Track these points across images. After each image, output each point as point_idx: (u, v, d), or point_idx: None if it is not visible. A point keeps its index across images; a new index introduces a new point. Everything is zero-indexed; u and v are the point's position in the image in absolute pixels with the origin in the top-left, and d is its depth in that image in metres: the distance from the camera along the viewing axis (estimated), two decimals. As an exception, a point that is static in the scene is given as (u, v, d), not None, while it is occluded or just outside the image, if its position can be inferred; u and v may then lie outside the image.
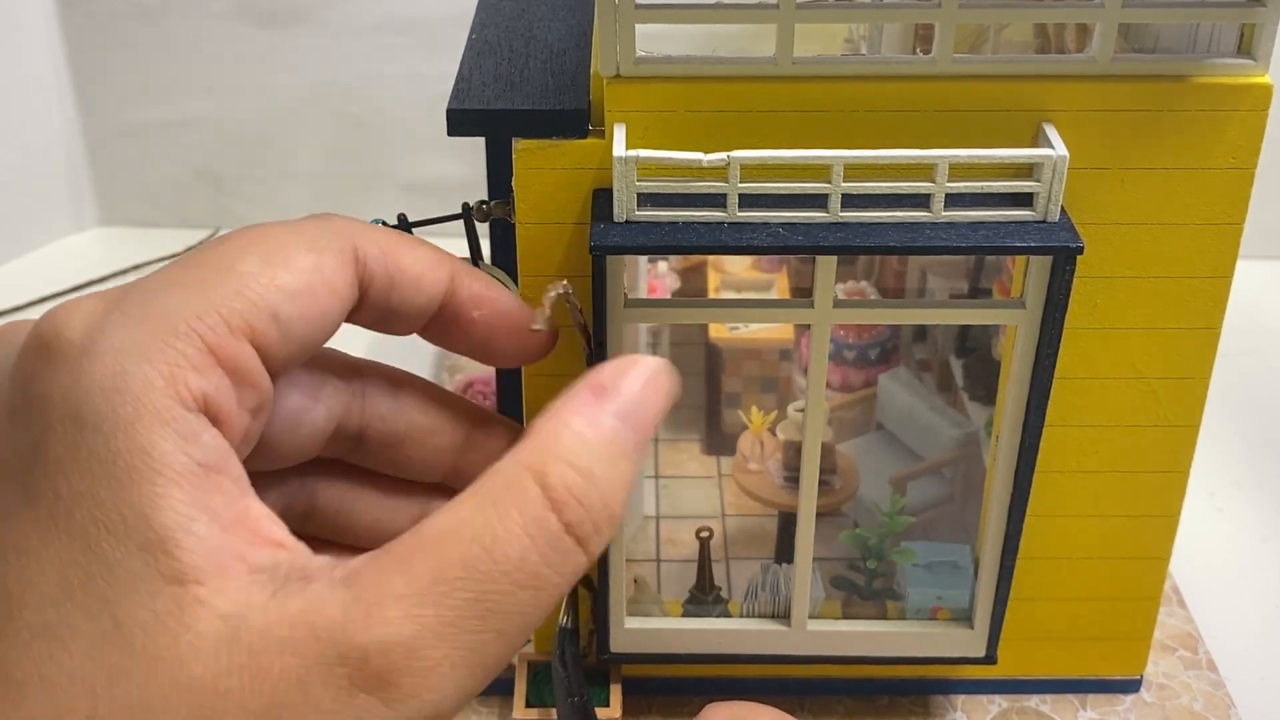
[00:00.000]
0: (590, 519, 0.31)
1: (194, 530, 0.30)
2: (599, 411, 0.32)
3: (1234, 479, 0.71)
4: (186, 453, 0.30)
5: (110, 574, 0.30)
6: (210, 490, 0.31)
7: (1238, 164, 0.44)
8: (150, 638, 0.29)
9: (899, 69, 0.43)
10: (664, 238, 0.43)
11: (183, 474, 0.30)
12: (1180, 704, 0.56)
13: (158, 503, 0.30)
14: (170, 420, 0.30)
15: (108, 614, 0.29)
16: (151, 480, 0.30)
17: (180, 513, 0.30)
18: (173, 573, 0.30)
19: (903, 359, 0.68)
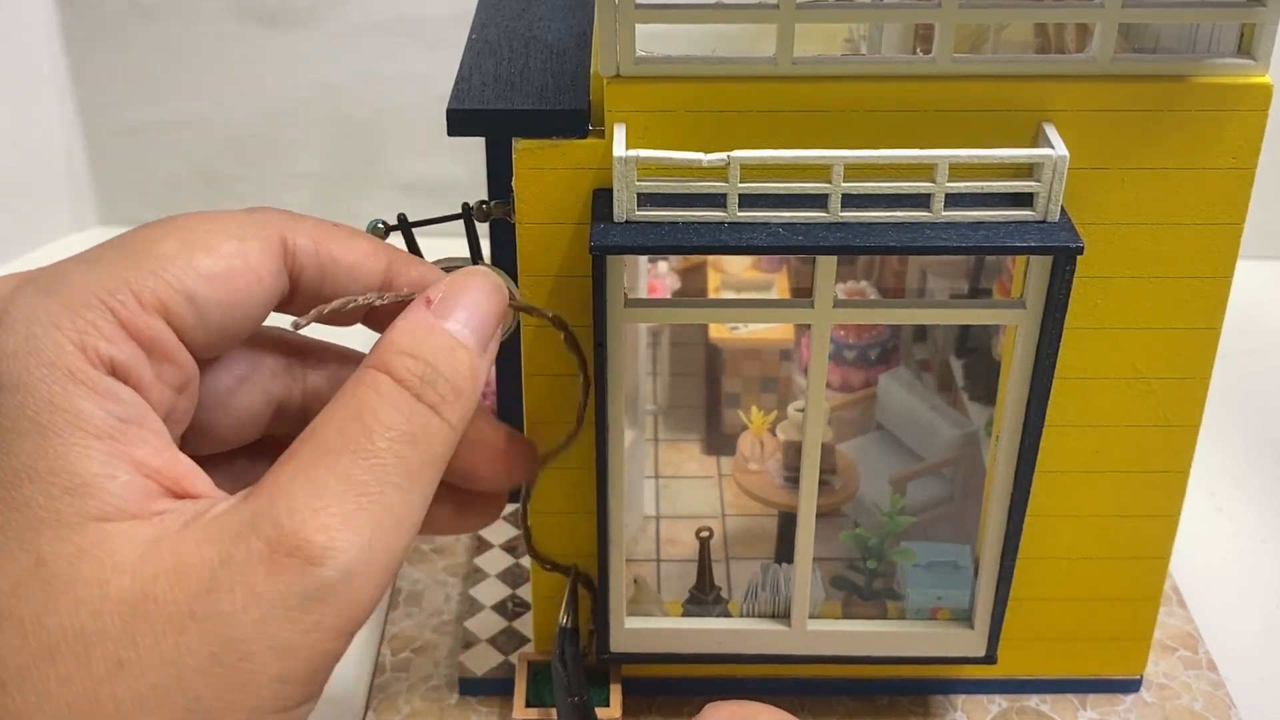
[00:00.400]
0: (437, 391, 0.35)
1: (116, 477, 0.31)
2: (429, 317, 0.36)
3: (1234, 479, 0.71)
4: (104, 408, 0.32)
5: (33, 516, 0.30)
6: (130, 442, 0.32)
7: (1238, 164, 0.44)
8: (75, 568, 0.30)
9: (899, 69, 0.43)
10: (664, 238, 0.43)
11: (102, 428, 0.31)
12: (1180, 704, 0.56)
13: (80, 453, 0.31)
14: (85, 380, 0.32)
15: (29, 553, 0.30)
16: (72, 434, 0.31)
17: (103, 462, 0.31)
18: (97, 511, 0.31)
19: (903, 359, 0.68)
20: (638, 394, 0.60)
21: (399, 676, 0.57)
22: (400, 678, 0.57)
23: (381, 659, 0.58)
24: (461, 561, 0.64)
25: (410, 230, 0.45)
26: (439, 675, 0.57)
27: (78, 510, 0.31)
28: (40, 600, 0.30)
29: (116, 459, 0.31)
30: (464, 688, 0.56)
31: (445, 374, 0.35)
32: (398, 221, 0.45)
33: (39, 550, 0.30)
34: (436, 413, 0.35)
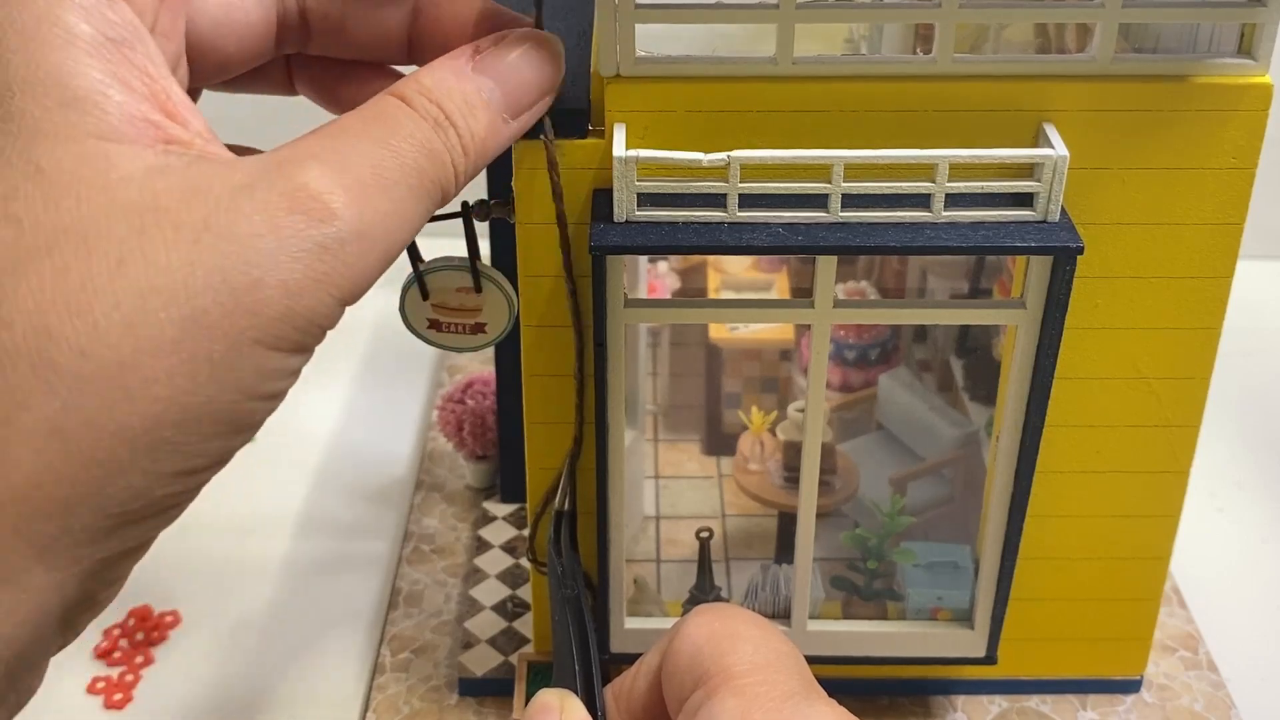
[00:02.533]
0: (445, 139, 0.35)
1: (111, 96, 0.30)
2: (467, 68, 0.36)
3: (1234, 479, 0.71)
4: (93, 26, 0.31)
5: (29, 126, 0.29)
6: (123, 63, 0.31)
7: (1238, 164, 0.44)
8: (78, 174, 0.29)
9: (899, 69, 0.43)
10: (664, 238, 0.43)
11: (94, 46, 0.30)
12: (1181, 704, 0.56)
13: (74, 68, 0.30)
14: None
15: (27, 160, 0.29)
16: (64, 49, 0.30)
17: (97, 79, 0.30)
18: (97, 129, 0.30)
19: (903, 359, 0.68)
20: (638, 394, 0.60)
21: (399, 676, 0.57)
22: (400, 678, 0.57)
23: (381, 659, 0.58)
24: (461, 562, 0.64)
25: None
26: (439, 675, 0.57)
27: (75, 124, 0.30)
28: (38, 201, 0.29)
29: (110, 77, 0.30)
30: (464, 688, 0.56)
31: (459, 127, 0.35)
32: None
33: (36, 159, 0.29)
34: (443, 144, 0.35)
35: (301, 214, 0.31)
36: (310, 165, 0.31)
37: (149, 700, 0.57)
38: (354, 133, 0.33)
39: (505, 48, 0.38)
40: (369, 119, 0.34)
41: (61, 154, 0.29)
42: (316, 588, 0.63)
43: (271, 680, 0.58)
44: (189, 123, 0.32)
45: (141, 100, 0.31)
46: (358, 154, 0.33)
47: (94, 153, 0.30)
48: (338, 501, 0.68)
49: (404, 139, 0.34)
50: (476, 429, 0.66)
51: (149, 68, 0.31)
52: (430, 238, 0.45)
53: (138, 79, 0.31)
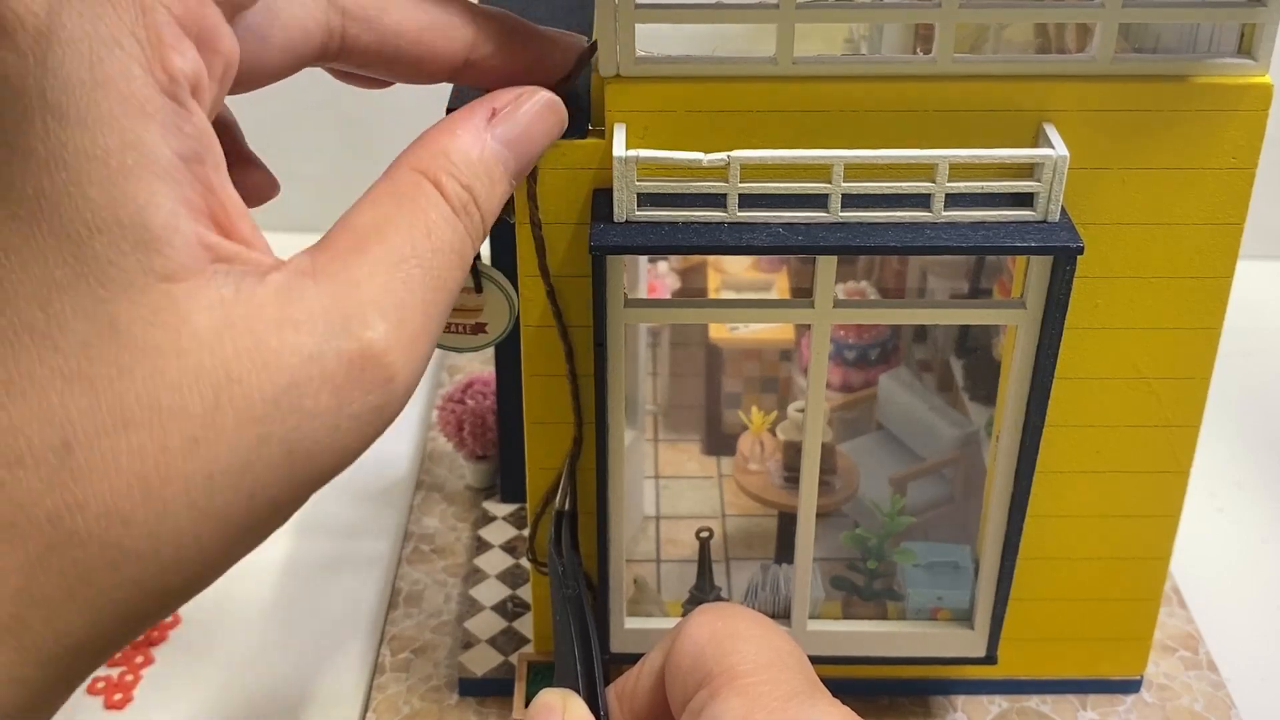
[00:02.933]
0: (471, 220, 0.35)
1: (179, 229, 0.30)
2: (486, 133, 0.36)
3: (1234, 479, 0.71)
4: (171, 146, 0.30)
5: (104, 273, 0.29)
6: (190, 184, 0.30)
7: (1238, 164, 0.44)
8: (150, 334, 0.29)
9: (899, 69, 0.43)
10: (664, 238, 0.43)
11: (169, 170, 0.30)
12: (1181, 704, 0.56)
13: (149, 200, 0.29)
14: (154, 113, 0.29)
15: (103, 313, 0.29)
16: (142, 179, 0.29)
17: (168, 210, 0.29)
18: (165, 270, 0.29)
19: (903, 359, 0.68)
20: (638, 394, 0.60)
21: (399, 677, 0.57)
22: (400, 678, 0.57)
23: (381, 659, 0.58)
24: (461, 562, 0.64)
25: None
26: (439, 675, 0.57)
27: (145, 269, 0.29)
28: (114, 364, 0.28)
29: (180, 204, 0.30)
30: (464, 688, 0.56)
31: (481, 204, 0.35)
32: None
33: (111, 311, 0.29)
34: (469, 235, 0.35)
35: (364, 383, 0.31)
36: (373, 321, 0.31)
37: (149, 700, 0.57)
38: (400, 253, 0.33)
39: (519, 109, 0.38)
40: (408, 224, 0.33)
41: (132, 307, 0.29)
42: (316, 588, 0.63)
43: (271, 680, 0.58)
44: (240, 233, 0.31)
45: (200, 220, 0.30)
46: (411, 294, 0.32)
47: (162, 304, 0.29)
48: (338, 501, 0.68)
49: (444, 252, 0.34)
50: (476, 429, 0.66)
51: (212, 180, 0.31)
52: (430, 238, 0.45)
53: (200, 197, 0.30)
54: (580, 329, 0.47)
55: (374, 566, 0.64)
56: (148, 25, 0.29)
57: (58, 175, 0.28)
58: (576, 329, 0.47)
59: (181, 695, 0.57)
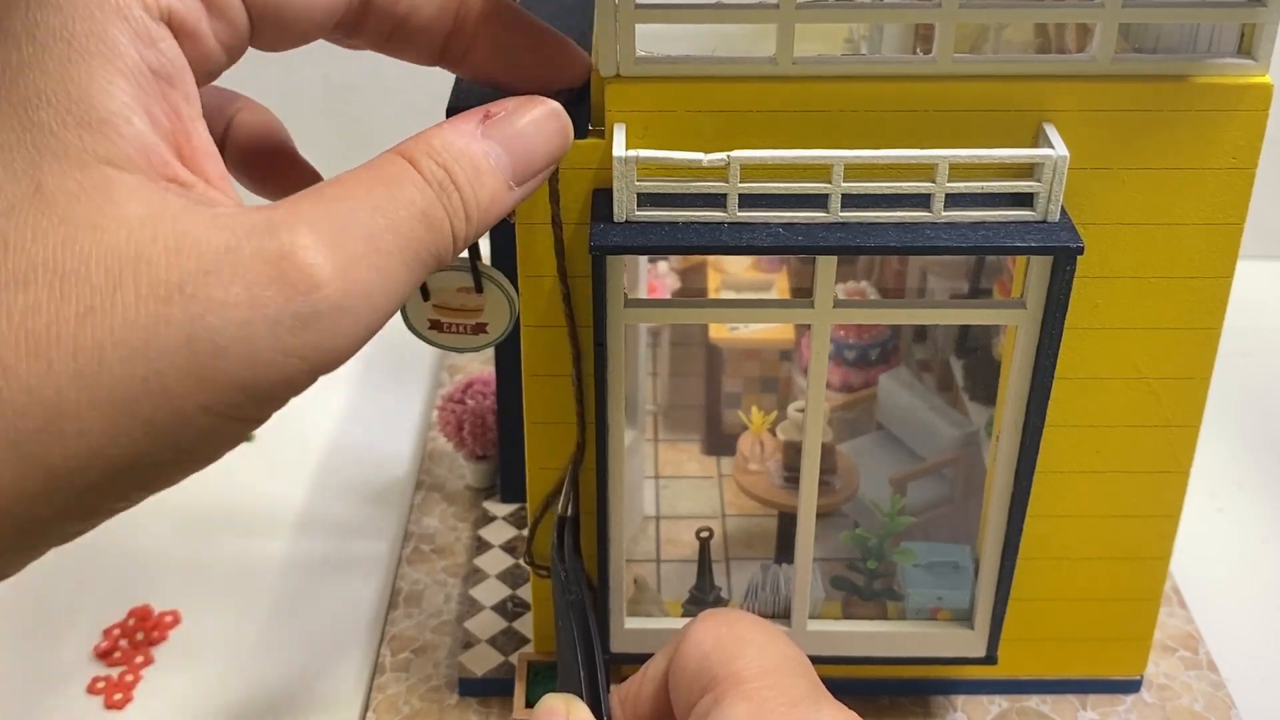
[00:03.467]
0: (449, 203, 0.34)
1: (132, 122, 0.30)
2: (477, 132, 0.36)
3: (1234, 479, 0.71)
4: (140, 53, 0.31)
5: (43, 141, 0.30)
6: (155, 95, 0.31)
7: (1238, 164, 0.44)
8: (74, 205, 0.30)
9: (899, 69, 0.43)
10: (664, 238, 0.43)
11: (133, 70, 0.31)
12: (1181, 704, 0.56)
13: (104, 87, 0.30)
14: (130, 17, 0.31)
15: (31, 178, 0.30)
16: (102, 66, 0.30)
17: (123, 102, 0.30)
18: (106, 154, 0.30)
19: (903, 359, 0.68)
20: (638, 394, 0.60)
21: (399, 677, 0.57)
22: (400, 678, 0.57)
23: (381, 659, 0.58)
24: (461, 562, 0.64)
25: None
26: (439, 675, 0.57)
27: (87, 146, 0.30)
28: (29, 227, 0.29)
29: (138, 105, 0.31)
30: (464, 688, 0.56)
31: (464, 192, 0.35)
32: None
33: (39, 178, 0.30)
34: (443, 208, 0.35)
35: (283, 284, 0.30)
36: (301, 230, 0.31)
37: (149, 700, 0.57)
38: (353, 197, 0.33)
39: (517, 114, 0.37)
40: (372, 181, 0.33)
41: (65, 179, 0.30)
42: (316, 588, 0.63)
43: (271, 680, 0.58)
44: (202, 169, 0.32)
45: (161, 135, 0.31)
46: (354, 221, 0.32)
47: (96, 182, 0.30)
48: (338, 501, 0.68)
49: (404, 205, 0.33)
50: (476, 429, 0.66)
51: (181, 106, 0.32)
52: (430, 238, 0.45)
53: (165, 114, 0.31)
54: (580, 329, 0.47)
55: (374, 566, 0.64)
56: None
57: (25, 49, 0.30)
58: (578, 329, 0.47)
59: (181, 695, 0.57)
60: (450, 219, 0.35)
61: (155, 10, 0.31)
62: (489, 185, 0.36)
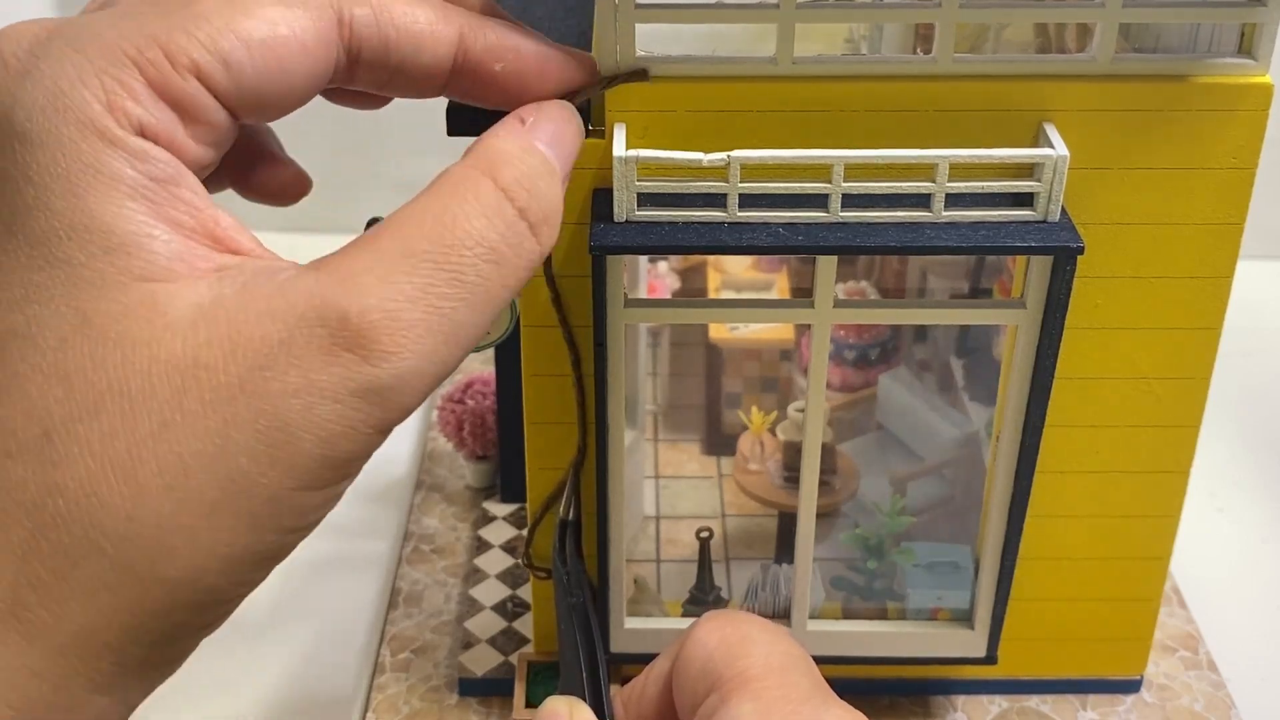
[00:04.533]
0: (540, 208, 0.34)
1: (157, 236, 0.30)
2: (529, 137, 0.35)
3: (1234, 479, 0.71)
4: (136, 169, 0.31)
5: (75, 274, 0.30)
6: (168, 202, 0.31)
7: (1238, 164, 0.44)
8: (123, 326, 0.30)
9: (899, 69, 0.43)
10: (664, 238, 0.43)
11: (137, 188, 0.31)
12: (1181, 704, 0.56)
13: (117, 212, 0.30)
14: (115, 140, 0.31)
15: (75, 309, 0.30)
16: (108, 192, 0.30)
17: (141, 221, 0.30)
18: (141, 272, 0.30)
19: (903, 359, 0.68)
20: (638, 394, 0.60)
21: (399, 676, 0.57)
22: (400, 678, 0.57)
23: (381, 659, 0.58)
24: (461, 562, 0.64)
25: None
26: (439, 675, 0.57)
27: (121, 269, 0.30)
28: (86, 357, 0.30)
29: (156, 219, 0.31)
30: (464, 688, 0.56)
31: (544, 194, 0.34)
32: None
33: (83, 308, 0.30)
34: (534, 233, 0.34)
35: (338, 366, 0.30)
36: (354, 303, 0.30)
37: (149, 700, 0.57)
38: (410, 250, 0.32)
39: (546, 116, 0.37)
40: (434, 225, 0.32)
41: (108, 304, 0.30)
42: (316, 588, 0.63)
43: (271, 680, 0.58)
44: (240, 245, 0.32)
45: (190, 235, 0.31)
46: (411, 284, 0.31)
47: (139, 299, 0.30)
48: (338, 501, 0.68)
49: (471, 250, 0.32)
50: (476, 429, 0.66)
51: (195, 200, 0.32)
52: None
53: (185, 213, 0.31)
54: (580, 329, 0.47)
55: (374, 566, 0.64)
56: (115, 74, 0.31)
57: (26, 191, 0.30)
58: (577, 330, 0.47)
59: (181, 695, 0.57)
60: (538, 228, 0.34)
61: (129, 127, 0.31)
62: (557, 186, 0.35)
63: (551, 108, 0.38)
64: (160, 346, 0.30)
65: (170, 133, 0.32)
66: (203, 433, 0.30)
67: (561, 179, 0.36)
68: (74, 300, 0.30)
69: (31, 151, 0.30)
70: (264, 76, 0.33)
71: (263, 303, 0.31)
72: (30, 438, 0.29)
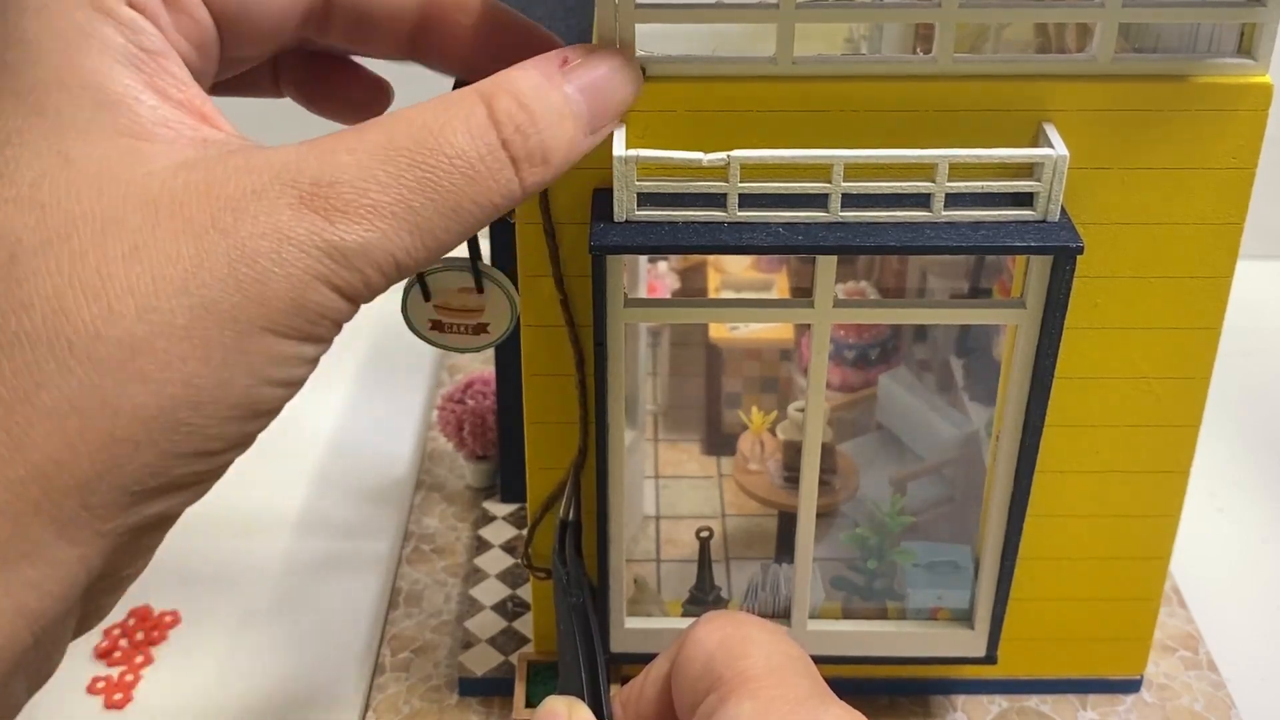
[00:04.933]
0: (525, 145, 0.34)
1: (144, 101, 0.31)
2: (559, 75, 0.36)
3: (1234, 479, 0.71)
4: (127, 37, 0.32)
5: (62, 124, 0.30)
6: (156, 73, 0.32)
7: (1238, 164, 0.44)
8: (103, 167, 0.30)
9: (899, 69, 0.43)
10: (664, 238, 0.43)
11: (128, 55, 0.31)
12: (1181, 704, 0.56)
13: (107, 73, 0.31)
14: (108, 9, 0.32)
15: (57, 152, 0.30)
16: (100, 54, 0.31)
17: (129, 85, 0.31)
18: (128, 128, 0.31)
19: (903, 359, 0.68)
20: (638, 394, 0.60)
21: (399, 676, 0.57)
22: (400, 678, 0.57)
23: (381, 659, 0.58)
24: (461, 561, 0.64)
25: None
26: (439, 675, 0.57)
27: (107, 124, 0.31)
28: (63, 188, 0.30)
29: (144, 86, 0.31)
30: (464, 688, 0.56)
31: (544, 134, 0.35)
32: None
33: (66, 150, 0.30)
34: (515, 167, 0.34)
35: (305, 220, 0.31)
36: (329, 177, 0.31)
37: (149, 700, 0.57)
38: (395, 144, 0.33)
39: (594, 62, 0.37)
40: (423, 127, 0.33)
41: (91, 148, 0.30)
42: (316, 588, 0.63)
43: (271, 680, 0.58)
44: (222, 125, 0.33)
45: (176, 106, 0.32)
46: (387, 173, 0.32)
47: (124, 149, 0.31)
48: (338, 501, 0.68)
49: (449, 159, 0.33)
50: (476, 429, 0.66)
51: (181, 75, 0.33)
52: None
53: (172, 85, 0.32)
54: (580, 329, 0.47)
55: (374, 566, 0.64)
56: None
57: (16, 49, 0.31)
58: (578, 329, 0.47)
59: (181, 695, 0.57)
60: (520, 163, 0.34)
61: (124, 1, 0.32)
62: (570, 130, 0.36)
63: (602, 55, 0.38)
64: (136, 185, 0.30)
65: (156, 11, 0.33)
66: (174, 259, 0.30)
67: (588, 128, 0.36)
68: (57, 144, 0.30)
69: (25, 16, 0.31)
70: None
71: (241, 160, 0.31)
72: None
